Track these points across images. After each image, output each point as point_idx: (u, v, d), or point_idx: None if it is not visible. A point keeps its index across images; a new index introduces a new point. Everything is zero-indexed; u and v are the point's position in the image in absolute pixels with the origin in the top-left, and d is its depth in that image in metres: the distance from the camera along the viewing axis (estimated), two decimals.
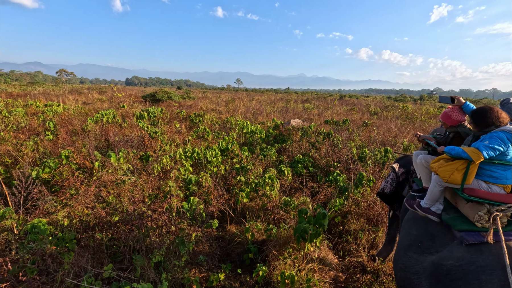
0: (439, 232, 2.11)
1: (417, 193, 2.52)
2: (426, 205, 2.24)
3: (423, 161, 2.42)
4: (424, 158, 2.42)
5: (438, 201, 2.21)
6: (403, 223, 2.49)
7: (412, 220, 2.37)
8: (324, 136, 7.53)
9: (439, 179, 2.12)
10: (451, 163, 2.03)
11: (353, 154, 6.06)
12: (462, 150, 1.97)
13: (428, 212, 2.20)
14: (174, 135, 8.09)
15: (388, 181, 3.01)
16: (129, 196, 3.73)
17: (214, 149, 6.08)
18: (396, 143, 7.16)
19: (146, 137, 6.01)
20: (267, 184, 4.55)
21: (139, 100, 22.46)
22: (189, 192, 4.76)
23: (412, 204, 2.38)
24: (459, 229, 1.97)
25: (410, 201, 2.45)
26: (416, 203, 2.34)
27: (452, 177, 1.99)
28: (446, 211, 2.17)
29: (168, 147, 5.99)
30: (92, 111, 11.91)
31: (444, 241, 2.02)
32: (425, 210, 2.23)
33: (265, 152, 6.62)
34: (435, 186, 2.16)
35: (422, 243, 2.12)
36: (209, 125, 10.95)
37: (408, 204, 2.45)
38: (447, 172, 2.01)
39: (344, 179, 5.14)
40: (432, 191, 2.19)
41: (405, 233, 2.34)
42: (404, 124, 15.17)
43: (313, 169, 5.92)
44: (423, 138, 2.67)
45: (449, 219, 2.09)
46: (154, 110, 10.44)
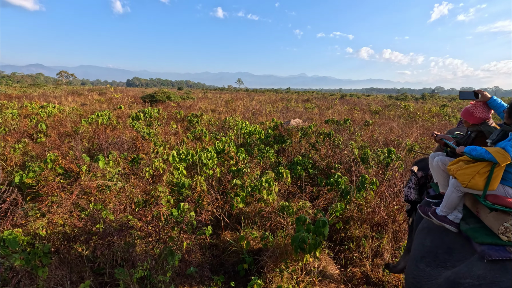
0: (457, 244, 1.86)
1: (433, 199, 2.25)
2: (443, 213, 1.99)
3: (440, 163, 2.16)
4: (441, 160, 2.16)
5: (457, 209, 1.96)
6: (417, 232, 2.24)
7: (427, 229, 2.12)
8: (325, 136, 7.27)
9: (457, 184, 1.87)
10: (472, 166, 1.77)
11: (354, 155, 5.79)
12: (485, 151, 1.71)
13: (445, 221, 1.95)
14: (170, 137, 7.85)
15: (410, 187, 2.67)
16: (115, 203, 3.48)
17: (210, 151, 5.83)
18: (400, 143, 6.88)
19: (138, 139, 5.76)
20: (264, 188, 4.29)
21: (138, 101, 22.27)
22: (182, 196, 4.51)
23: (427, 212, 2.12)
24: (480, 242, 1.71)
25: (424, 208, 2.19)
26: (432, 211, 2.08)
27: (472, 182, 1.74)
28: (465, 220, 1.91)
29: (161, 149, 5.75)
30: (87, 113, 11.70)
31: (462, 255, 1.78)
32: (441, 218, 1.98)
33: (264, 154, 6.37)
34: (453, 192, 1.91)
35: (437, 255, 1.88)
36: (206, 125, 10.71)
37: (422, 211, 2.19)
38: (466, 175, 1.76)
39: (345, 182, 4.88)
40: (450, 197, 1.94)
41: (418, 244, 2.10)
42: (406, 123, 14.88)
43: (313, 171, 5.66)
44: (440, 138, 2.40)
45: (468, 230, 1.82)
46: (151, 111, 10.20)
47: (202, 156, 5.44)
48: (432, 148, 7.03)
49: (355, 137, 7.69)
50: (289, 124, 10.85)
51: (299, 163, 5.79)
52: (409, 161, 5.78)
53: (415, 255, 2.05)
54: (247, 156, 6.00)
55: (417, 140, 7.12)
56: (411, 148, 6.03)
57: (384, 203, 4.10)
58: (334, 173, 5.13)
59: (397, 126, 11.91)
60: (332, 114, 18.64)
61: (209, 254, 3.81)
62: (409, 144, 6.63)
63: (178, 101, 22.11)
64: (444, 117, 18.07)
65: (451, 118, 17.52)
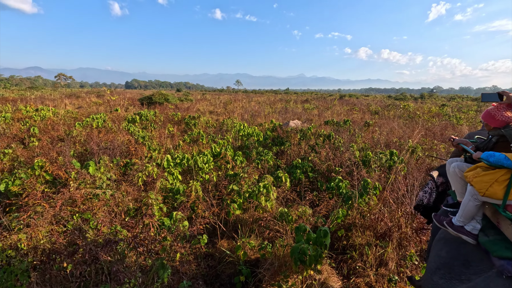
0: (475, 257, 1.74)
1: (450, 208, 2.10)
2: (459, 223, 1.85)
3: (457, 169, 2.00)
4: (458, 166, 2.00)
5: (475, 219, 1.82)
6: (434, 243, 2.12)
7: (444, 240, 2.00)
8: (324, 138, 7.09)
9: (474, 192, 1.73)
10: (490, 173, 1.62)
11: (356, 157, 5.61)
12: (504, 157, 1.56)
13: (462, 232, 1.82)
14: (166, 140, 7.65)
15: (426, 191, 2.50)
16: (104, 212, 3.28)
17: (206, 155, 5.64)
18: (402, 144, 6.70)
19: (131, 143, 5.56)
20: (262, 194, 4.10)
21: (136, 103, 22.07)
22: (177, 203, 4.32)
23: (442, 221, 1.98)
24: (499, 256, 1.56)
25: (440, 217, 2.04)
26: (448, 220, 1.94)
27: (490, 190, 1.60)
28: (484, 231, 1.77)
29: (156, 154, 5.55)
30: (83, 116, 11.49)
31: (479, 268, 1.67)
32: (458, 228, 1.84)
33: (262, 157, 6.18)
34: (470, 200, 1.77)
35: (452, 267, 1.79)
36: (204, 128, 10.52)
37: (437, 220, 2.05)
38: (484, 183, 1.63)
39: (346, 186, 4.70)
40: (466, 206, 1.79)
41: (434, 255, 1.99)
42: (406, 123, 14.72)
43: (313, 175, 5.47)
44: (457, 143, 2.23)
45: (487, 242, 1.67)
46: (147, 113, 10.01)
47: (198, 160, 5.25)
48: (435, 149, 6.86)
49: (355, 139, 7.52)
50: (288, 126, 10.67)
51: (298, 166, 5.60)
52: (412, 163, 5.61)
53: (430, 266, 1.96)
54: (245, 160, 5.81)
55: (419, 141, 6.95)
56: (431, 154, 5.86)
57: (388, 209, 3.92)
58: (335, 176, 4.95)
59: (397, 127, 11.75)
60: (331, 115, 18.47)
61: (204, 264, 3.62)
62: (411, 145, 6.46)
63: (176, 103, 21.92)
64: (444, 117, 17.92)
65: (451, 118, 17.37)
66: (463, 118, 17.56)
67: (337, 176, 4.92)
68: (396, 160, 5.32)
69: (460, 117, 18.11)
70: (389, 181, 4.50)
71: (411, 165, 5.55)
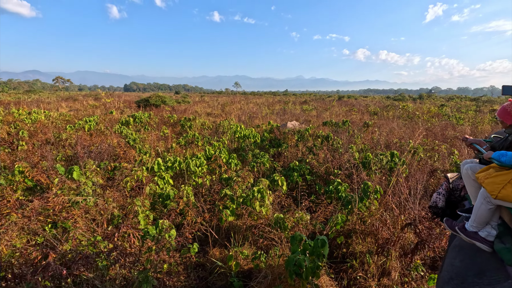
0: (490, 266, 1.61)
1: (466, 213, 1.92)
2: (473, 229, 1.71)
3: (470, 171, 1.83)
4: (471, 167, 1.84)
5: (490, 224, 1.67)
6: (449, 251, 1.99)
7: (458, 247, 1.86)
8: (323, 139, 6.86)
9: (486, 194, 1.61)
10: (503, 173, 1.48)
11: (355, 159, 5.39)
12: None
13: (475, 238, 1.68)
14: (159, 142, 7.42)
15: (440, 193, 2.33)
16: (85, 220, 3.04)
17: (199, 157, 5.41)
18: (402, 145, 6.48)
19: (121, 146, 5.31)
20: (256, 199, 3.87)
21: (133, 105, 21.84)
22: (167, 209, 4.08)
23: (454, 226, 1.84)
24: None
25: (452, 222, 1.90)
26: (460, 226, 1.80)
27: (503, 192, 1.47)
28: (501, 238, 1.61)
29: (146, 157, 5.31)
30: (77, 118, 11.26)
31: (494, 279, 1.54)
32: (471, 235, 1.70)
33: (258, 159, 5.95)
34: (482, 203, 1.64)
35: (466, 278, 1.66)
36: (200, 129, 10.29)
37: (448, 225, 1.91)
38: (496, 184, 1.50)
39: (346, 189, 4.47)
40: (479, 210, 1.66)
41: (448, 263, 1.87)
42: (406, 123, 14.52)
43: (311, 178, 5.24)
44: (471, 143, 2.07)
45: (503, 250, 1.50)
46: (141, 116, 9.77)
47: (190, 164, 5.02)
48: (436, 150, 6.65)
49: (354, 140, 7.29)
50: (285, 127, 10.46)
51: (295, 169, 5.37)
52: (413, 164, 5.38)
53: (443, 275, 1.85)
54: (239, 163, 5.57)
55: (421, 142, 6.73)
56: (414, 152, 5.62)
57: (390, 214, 3.68)
58: (334, 179, 4.72)
59: (397, 127, 11.54)
60: (330, 116, 18.28)
61: (194, 276, 3.37)
62: (412, 146, 6.23)
63: (173, 105, 21.71)
64: (443, 117, 17.75)
65: (451, 118, 17.20)
66: (463, 118, 17.40)
67: (336, 179, 4.69)
68: (397, 162, 5.10)
69: (459, 117, 17.96)
70: (391, 184, 4.27)
71: (413, 166, 5.34)
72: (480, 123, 14.81)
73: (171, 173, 4.93)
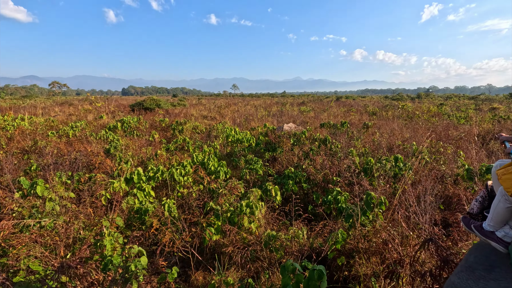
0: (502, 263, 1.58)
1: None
2: (490, 228, 1.68)
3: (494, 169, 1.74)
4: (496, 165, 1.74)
5: (508, 224, 1.61)
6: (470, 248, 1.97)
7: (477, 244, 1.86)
8: (320, 143, 6.39)
9: (503, 192, 1.55)
10: None
11: (355, 164, 4.93)
12: None
13: (491, 238, 1.64)
14: (147, 148, 6.94)
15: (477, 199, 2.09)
16: (38, 247, 2.56)
17: (185, 165, 4.94)
18: (406, 148, 6.03)
19: (97, 155, 4.82)
20: (245, 214, 3.40)
21: (127, 109, 21.37)
22: (146, 226, 3.61)
23: (470, 224, 1.82)
24: None
25: (469, 220, 1.87)
26: (477, 224, 1.77)
27: None
28: None
29: (128, 166, 4.84)
30: (63, 123, 10.77)
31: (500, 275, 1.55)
32: (487, 234, 1.67)
33: (251, 166, 5.48)
34: (500, 201, 1.59)
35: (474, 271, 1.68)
36: (192, 133, 9.81)
37: (465, 223, 1.88)
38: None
39: (346, 199, 4.01)
40: (496, 208, 1.61)
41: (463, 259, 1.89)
42: (406, 123, 14.12)
43: (307, 186, 4.77)
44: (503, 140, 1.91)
45: None
46: (129, 120, 9.29)
47: (174, 173, 4.54)
48: (442, 152, 6.20)
49: (354, 143, 6.84)
50: (282, 129, 10.00)
51: (291, 176, 4.90)
52: (419, 170, 4.92)
53: (456, 269, 1.89)
54: (229, 171, 5.09)
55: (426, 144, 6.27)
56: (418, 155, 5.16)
57: (397, 230, 3.21)
58: (333, 188, 4.26)
59: (398, 128, 11.11)
60: (328, 117, 17.86)
61: None
62: (416, 149, 5.77)
63: (167, 108, 21.24)
64: (443, 116, 17.37)
65: (451, 117, 16.83)
66: (463, 117, 17.03)
67: (335, 187, 4.23)
68: (402, 167, 4.64)
69: (459, 116, 17.59)
70: (397, 194, 3.80)
71: (419, 172, 4.88)
72: (482, 122, 14.45)
73: (153, 184, 4.45)
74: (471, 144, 6.59)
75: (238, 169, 6.92)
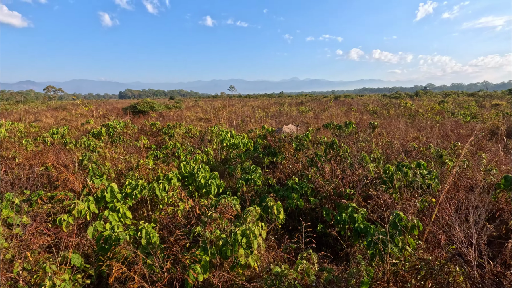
0: None
1: None
2: None
3: None
4: None
5: None
6: None
7: None
8: (326, 147, 5.64)
9: None
10: None
11: (370, 172, 4.20)
12: None
13: None
14: (131, 156, 6.17)
15: None
16: None
17: (171, 178, 4.18)
18: (423, 151, 5.30)
19: (60, 168, 4.02)
20: (240, 245, 2.65)
21: (120, 113, 20.56)
22: (116, 259, 2.85)
23: None
24: None
25: None
26: None
27: None
28: None
29: (102, 181, 4.06)
30: (42, 130, 9.96)
31: None
32: None
33: (249, 175, 4.73)
34: None
35: None
36: (185, 138, 9.04)
37: None
38: None
39: (364, 217, 3.27)
40: None
41: None
42: (411, 122, 13.45)
43: (315, 200, 4.02)
44: None
45: None
46: (115, 124, 8.51)
47: (156, 188, 3.78)
48: (461, 154, 5.47)
49: (361, 145, 6.09)
50: (281, 132, 9.27)
51: (295, 188, 4.16)
52: (446, 177, 4.19)
53: None
54: (223, 184, 4.33)
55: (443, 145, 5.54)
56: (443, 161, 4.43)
57: (438, 263, 2.46)
58: (346, 203, 3.52)
59: (404, 127, 10.42)
60: (329, 117, 17.15)
61: None
62: (436, 152, 5.04)
63: (161, 111, 20.45)
64: (446, 114, 16.73)
65: (457, 115, 16.19)
66: (469, 114, 16.39)
67: (350, 202, 3.49)
68: (426, 175, 3.91)
69: (464, 113, 16.95)
70: (433, 216, 3.04)
71: (445, 179, 4.14)
72: (488, 119, 13.82)
73: (130, 203, 3.68)
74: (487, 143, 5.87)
75: (234, 177, 6.18)
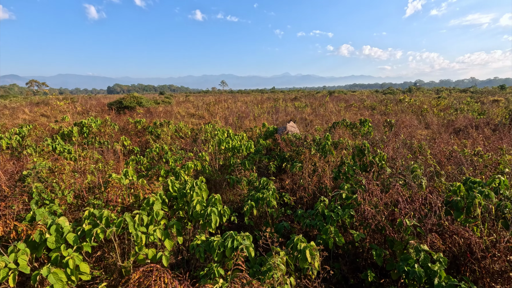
0: None
1: None
2: None
3: None
4: None
5: None
6: None
7: None
8: (356, 153, 4.42)
9: None
10: None
11: (438, 192, 3.05)
12: None
13: None
14: (105, 165, 4.86)
15: None
16: None
17: (153, 203, 2.93)
18: (470, 156, 4.21)
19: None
20: None
21: (104, 108, 18.90)
22: None
23: None
24: None
25: None
26: None
27: None
28: None
29: (46, 212, 2.75)
30: (2, 129, 8.42)
31: None
32: None
33: (259, 194, 3.51)
34: None
35: None
36: (175, 138, 7.72)
37: None
38: None
39: (444, 264, 2.15)
40: None
41: None
42: (420, 119, 12.60)
43: (360, 235, 2.84)
44: None
45: None
46: (90, 123, 7.08)
47: (130, 224, 2.52)
48: None
49: (404, 152, 4.91)
50: (285, 131, 8.08)
51: (327, 216, 2.97)
52: None
53: None
54: (228, 211, 3.08)
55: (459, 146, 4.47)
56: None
57: None
58: (412, 244, 2.37)
59: (420, 126, 9.44)
60: (329, 114, 16.09)
61: None
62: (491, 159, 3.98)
63: (149, 107, 18.92)
64: (449, 110, 15.99)
65: (463, 111, 15.47)
66: (475, 110, 15.71)
67: (419, 243, 2.34)
68: (506, 193, 2.80)
69: (468, 109, 16.29)
70: None
71: None
72: (495, 116, 13.15)
73: (88, 248, 2.41)
74: None
75: (235, 188, 4.98)
